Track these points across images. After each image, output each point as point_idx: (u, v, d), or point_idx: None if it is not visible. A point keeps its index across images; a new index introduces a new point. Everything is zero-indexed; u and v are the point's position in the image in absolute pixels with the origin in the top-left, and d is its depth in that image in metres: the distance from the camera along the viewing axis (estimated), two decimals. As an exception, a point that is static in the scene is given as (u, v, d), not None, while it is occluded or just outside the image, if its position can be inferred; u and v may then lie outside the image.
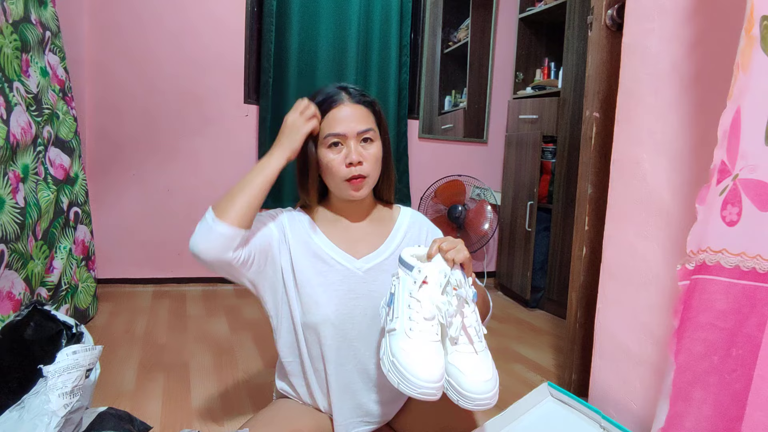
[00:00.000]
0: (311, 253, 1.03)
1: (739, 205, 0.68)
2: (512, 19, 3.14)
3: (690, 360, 0.73)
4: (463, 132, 3.22)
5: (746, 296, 0.68)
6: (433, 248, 0.88)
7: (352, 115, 1.00)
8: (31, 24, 1.75)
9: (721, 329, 0.70)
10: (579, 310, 1.51)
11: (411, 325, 0.83)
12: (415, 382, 0.78)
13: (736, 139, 0.69)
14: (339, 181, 1.01)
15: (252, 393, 1.52)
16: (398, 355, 0.81)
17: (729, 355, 0.69)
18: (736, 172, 0.69)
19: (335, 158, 0.99)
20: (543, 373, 1.81)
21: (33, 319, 0.99)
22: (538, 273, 2.70)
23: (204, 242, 0.90)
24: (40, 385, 0.86)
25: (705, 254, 0.73)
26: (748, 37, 0.68)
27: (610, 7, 1.38)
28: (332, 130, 0.99)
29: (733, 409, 0.68)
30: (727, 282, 0.70)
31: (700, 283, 0.73)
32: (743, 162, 0.68)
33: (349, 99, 1.01)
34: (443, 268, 0.86)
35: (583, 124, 1.49)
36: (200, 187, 2.72)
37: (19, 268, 1.54)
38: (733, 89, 0.70)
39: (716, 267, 0.71)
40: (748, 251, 0.68)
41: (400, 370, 0.80)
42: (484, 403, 0.79)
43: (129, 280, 2.66)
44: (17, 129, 1.57)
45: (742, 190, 0.68)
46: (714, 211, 0.71)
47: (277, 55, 2.70)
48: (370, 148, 1.01)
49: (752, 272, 0.68)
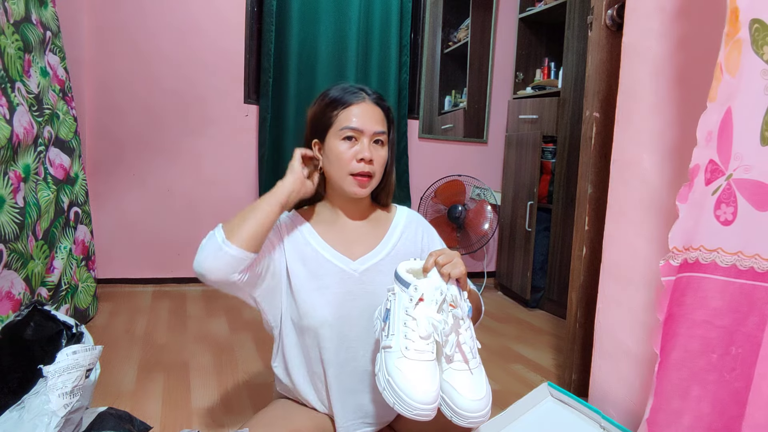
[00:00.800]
0: (308, 257, 1.03)
1: (734, 205, 0.69)
2: (512, 19, 3.14)
3: (686, 357, 0.74)
4: (463, 132, 3.22)
5: (744, 295, 0.69)
6: (429, 262, 0.88)
7: (371, 114, 1.02)
8: (31, 24, 1.75)
9: (718, 327, 0.71)
10: (579, 310, 1.51)
11: (407, 343, 0.83)
12: (411, 404, 0.79)
13: (728, 140, 0.70)
14: (345, 174, 1.01)
15: (252, 393, 1.52)
16: (394, 375, 0.82)
17: (728, 354, 0.70)
18: (730, 173, 0.70)
19: (348, 151, 1.00)
20: (543, 373, 1.81)
21: (33, 319, 0.99)
22: (538, 273, 2.70)
23: (211, 262, 0.89)
24: (40, 385, 0.86)
25: (698, 252, 0.74)
26: (734, 41, 0.69)
27: (610, 7, 1.38)
28: (350, 123, 1.00)
29: (733, 407, 0.68)
30: (723, 280, 0.71)
31: (694, 280, 0.74)
32: (737, 162, 0.69)
33: (370, 98, 1.04)
34: (439, 285, 0.86)
35: (583, 124, 1.49)
36: (200, 187, 2.72)
37: (19, 268, 1.54)
38: (716, 91, 0.71)
39: (711, 265, 0.72)
40: (746, 250, 0.69)
41: (396, 390, 0.81)
42: (477, 420, 0.81)
43: (129, 280, 2.66)
44: (20, 129, 1.57)
45: (737, 189, 0.69)
46: (706, 210, 0.72)
47: (277, 55, 2.70)
48: (380, 151, 1.03)
49: (750, 271, 0.69)
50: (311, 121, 1.07)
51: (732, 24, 0.70)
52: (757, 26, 0.68)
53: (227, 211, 2.75)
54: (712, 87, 0.72)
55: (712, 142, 0.71)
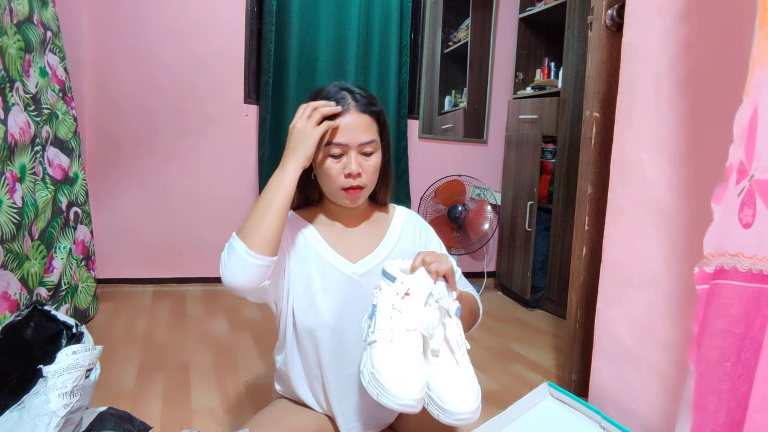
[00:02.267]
0: (309, 259, 1.02)
1: (754, 207, 0.66)
2: (512, 19, 3.14)
3: (707, 369, 0.71)
4: (463, 132, 3.22)
5: (754, 299, 0.66)
6: (417, 261, 0.88)
7: (356, 126, 0.97)
8: (33, 24, 1.75)
9: (734, 335, 0.68)
10: (579, 310, 1.51)
11: (392, 336, 0.82)
12: (395, 394, 0.77)
13: (753, 139, 0.66)
14: (336, 189, 1.00)
15: (252, 393, 1.52)
16: (378, 367, 0.80)
17: (739, 360, 0.68)
18: (752, 173, 0.66)
19: (334, 167, 0.98)
20: (543, 373, 1.81)
21: (33, 319, 0.99)
22: (538, 273, 2.70)
23: (241, 276, 0.88)
24: (40, 386, 0.86)
25: (723, 258, 0.70)
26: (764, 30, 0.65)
27: (610, 7, 1.38)
28: (334, 139, 0.97)
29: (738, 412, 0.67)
30: (741, 286, 0.67)
31: (718, 288, 0.70)
32: (758, 163, 0.66)
33: (355, 107, 0.98)
34: (426, 281, 0.86)
35: (583, 124, 1.49)
36: (200, 187, 2.72)
37: (15, 268, 1.54)
38: (749, 85, 0.67)
39: (732, 271, 0.68)
40: (759, 253, 0.66)
41: (379, 381, 0.79)
42: (464, 417, 0.78)
43: (129, 280, 2.66)
44: (15, 129, 1.57)
45: (756, 191, 0.66)
46: (732, 213, 0.69)
47: (277, 54, 2.70)
48: (370, 160, 1.00)
49: (760, 274, 0.66)
50: None
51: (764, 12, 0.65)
52: None
53: (227, 210, 2.75)
54: (747, 80, 0.67)
55: (743, 141, 0.68)
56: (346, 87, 1.01)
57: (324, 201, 1.09)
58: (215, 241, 2.74)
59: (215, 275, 2.78)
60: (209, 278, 2.78)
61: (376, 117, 1.02)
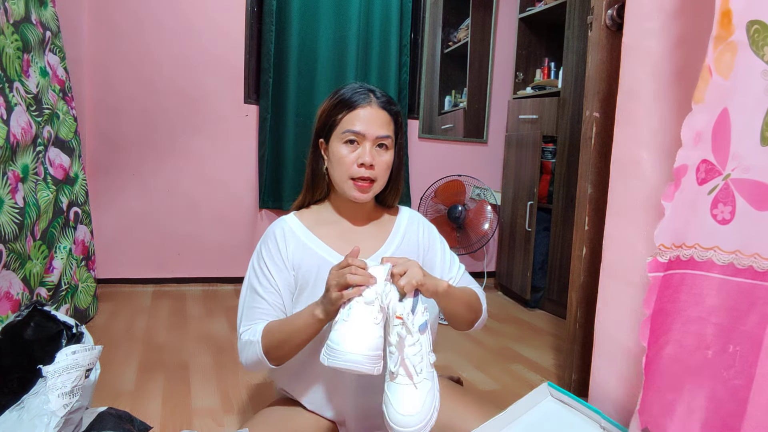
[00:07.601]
0: (311, 264, 1.02)
1: (732, 204, 0.71)
2: (512, 19, 3.14)
3: (681, 352, 0.76)
4: (463, 132, 3.22)
5: (743, 293, 0.70)
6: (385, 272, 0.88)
7: (375, 118, 1.00)
8: (31, 24, 1.75)
9: (713, 324, 0.72)
10: (579, 310, 1.51)
11: (350, 312, 0.83)
12: (341, 350, 0.79)
13: (726, 141, 0.71)
14: (345, 178, 1.00)
15: (252, 393, 1.52)
16: (331, 336, 0.83)
17: (725, 351, 0.71)
18: (728, 173, 0.72)
19: (349, 155, 0.99)
20: (543, 373, 1.81)
21: (33, 319, 0.99)
22: (538, 273, 2.70)
23: (255, 368, 1.03)
24: (40, 385, 0.86)
25: (693, 250, 0.76)
26: (726, 43, 0.71)
27: (610, 7, 1.38)
28: (352, 127, 0.99)
29: (731, 404, 0.69)
30: (719, 278, 0.73)
31: (688, 277, 0.76)
32: (735, 162, 0.71)
33: (376, 102, 1.03)
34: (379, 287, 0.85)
35: (583, 124, 1.49)
36: (200, 186, 2.72)
37: (17, 268, 1.54)
38: (704, 93, 0.73)
39: (707, 263, 0.74)
40: (744, 249, 0.70)
41: (329, 345, 0.82)
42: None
43: (129, 280, 2.66)
44: (17, 129, 1.57)
45: (735, 189, 0.71)
46: (700, 209, 0.74)
47: (277, 55, 2.70)
48: (384, 155, 1.02)
49: (749, 270, 0.70)
50: (319, 119, 1.06)
51: (724, 26, 0.72)
52: (757, 27, 0.69)
53: (227, 210, 2.75)
54: (698, 89, 0.74)
55: (703, 143, 0.74)
56: (370, 87, 1.06)
57: (332, 196, 1.09)
58: (215, 241, 2.74)
59: (215, 275, 2.78)
60: (209, 278, 2.78)
61: (395, 117, 1.06)
